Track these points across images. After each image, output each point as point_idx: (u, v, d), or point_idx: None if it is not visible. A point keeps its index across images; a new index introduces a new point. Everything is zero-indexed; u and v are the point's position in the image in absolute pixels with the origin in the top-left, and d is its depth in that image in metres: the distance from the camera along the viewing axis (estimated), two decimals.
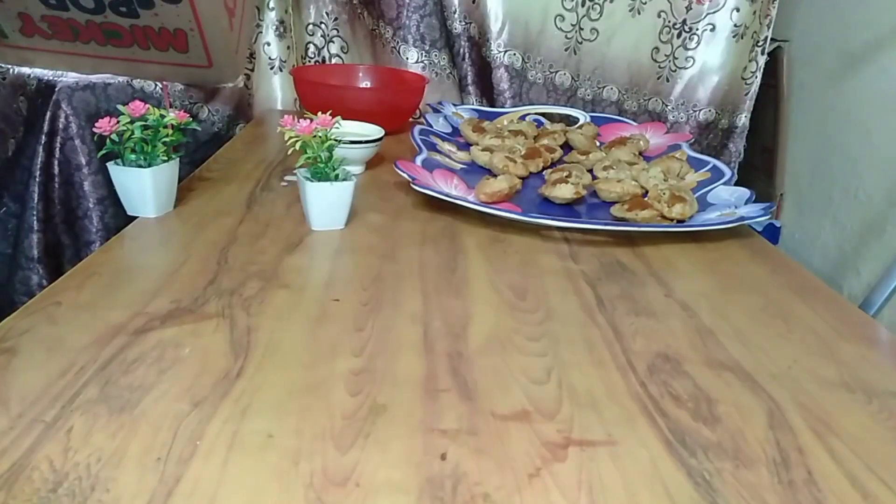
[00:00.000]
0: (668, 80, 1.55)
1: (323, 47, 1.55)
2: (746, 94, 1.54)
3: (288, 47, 1.52)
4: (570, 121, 1.48)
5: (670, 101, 1.56)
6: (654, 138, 1.35)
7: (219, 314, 0.67)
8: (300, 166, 0.90)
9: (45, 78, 1.19)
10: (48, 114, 1.15)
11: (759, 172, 1.57)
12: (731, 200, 1.06)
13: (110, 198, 1.20)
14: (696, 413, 0.58)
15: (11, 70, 1.24)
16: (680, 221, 1.00)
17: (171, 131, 0.89)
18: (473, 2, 1.45)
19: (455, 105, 1.49)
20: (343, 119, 0.92)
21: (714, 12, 1.50)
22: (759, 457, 0.53)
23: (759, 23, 1.50)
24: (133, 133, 0.86)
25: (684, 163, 1.20)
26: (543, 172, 1.19)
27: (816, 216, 1.38)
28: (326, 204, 0.89)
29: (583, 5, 1.48)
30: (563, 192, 1.04)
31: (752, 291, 0.85)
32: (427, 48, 1.52)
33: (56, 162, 1.16)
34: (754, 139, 1.58)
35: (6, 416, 0.50)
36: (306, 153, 0.86)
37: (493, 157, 1.15)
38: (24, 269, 1.16)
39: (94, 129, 0.85)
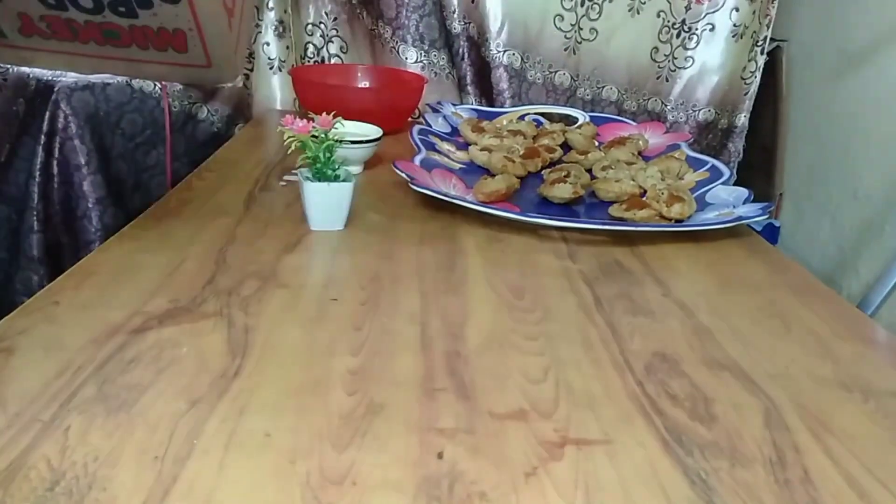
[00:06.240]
0: (667, 80, 1.55)
1: (322, 47, 1.55)
2: (746, 94, 1.54)
3: (287, 47, 1.52)
4: (569, 120, 1.48)
5: (670, 101, 1.56)
6: (653, 138, 1.35)
7: (217, 314, 0.67)
8: (300, 166, 0.90)
9: (44, 78, 1.20)
10: (47, 114, 1.15)
11: (758, 172, 1.57)
12: (729, 200, 1.06)
13: (109, 198, 1.21)
14: (692, 412, 0.58)
15: (11, 70, 1.24)
16: (678, 221, 1.00)
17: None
18: (472, 2, 1.45)
19: (454, 105, 1.49)
20: (342, 119, 0.92)
21: (713, 12, 1.50)
22: (756, 456, 0.53)
23: (759, 22, 1.50)
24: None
25: (683, 162, 1.20)
26: (542, 172, 1.19)
27: (815, 216, 1.38)
28: (326, 204, 0.90)
29: (582, 5, 1.48)
30: (562, 191, 1.04)
31: (750, 291, 0.85)
32: (426, 48, 1.52)
33: (55, 162, 1.16)
34: (753, 139, 1.58)
35: (4, 415, 0.50)
36: (305, 153, 0.87)
37: (492, 157, 1.15)
38: (25, 269, 1.16)
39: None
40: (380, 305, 0.72)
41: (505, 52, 1.47)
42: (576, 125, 1.42)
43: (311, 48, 1.55)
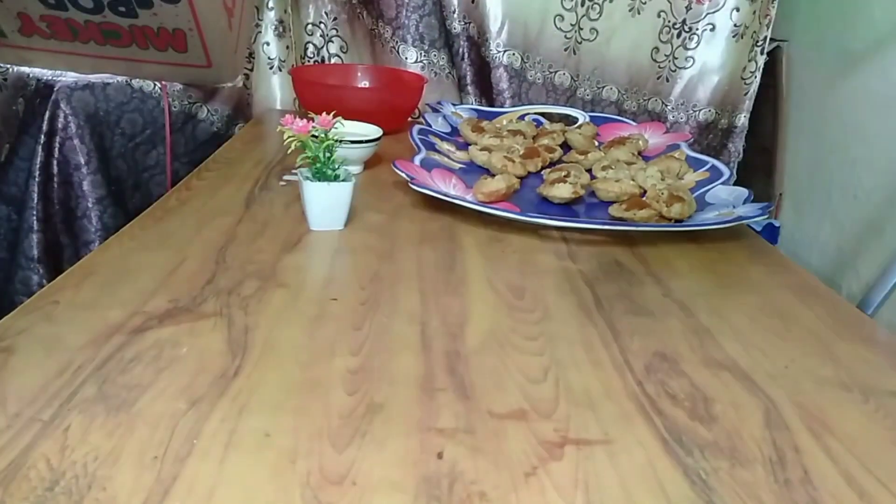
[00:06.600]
0: (667, 80, 1.54)
1: (322, 47, 1.55)
2: (746, 94, 1.54)
3: (287, 47, 1.52)
4: (569, 120, 1.48)
5: (670, 101, 1.56)
6: (653, 138, 1.35)
7: (216, 313, 0.67)
8: (299, 166, 0.90)
9: (44, 78, 1.20)
10: (47, 114, 1.15)
11: (757, 172, 1.57)
12: (729, 200, 1.06)
13: (109, 197, 1.21)
14: (692, 412, 0.58)
15: (11, 70, 1.24)
16: (678, 221, 1.00)
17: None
18: (472, 1, 1.45)
19: (454, 105, 1.49)
20: (342, 119, 0.92)
21: (714, 12, 1.49)
22: (756, 456, 0.53)
23: (759, 22, 1.50)
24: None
25: (683, 162, 1.20)
26: (542, 172, 1.19)
27: (815, 216, 1.38)
28: (327, 204, 0.90)
29: (582, 5, 1.48)
30: (562, 191, 1.04)
31: (750, 291, 0.85)
32: (426, 48, 1.52)
33: (55, 162, 1.16)
34: (753, 139, 1.58)
35: (3, 415, 0.50)
36: (305, 153, 0.87)
37: (492, 157, 1.15)
38: (25, 269, 1.16)
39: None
40: (380, 305, 0.72)
41: (505, 51, 1.47)
42: (576, 125, 1.42)
43: (311, 48, 1.55)
